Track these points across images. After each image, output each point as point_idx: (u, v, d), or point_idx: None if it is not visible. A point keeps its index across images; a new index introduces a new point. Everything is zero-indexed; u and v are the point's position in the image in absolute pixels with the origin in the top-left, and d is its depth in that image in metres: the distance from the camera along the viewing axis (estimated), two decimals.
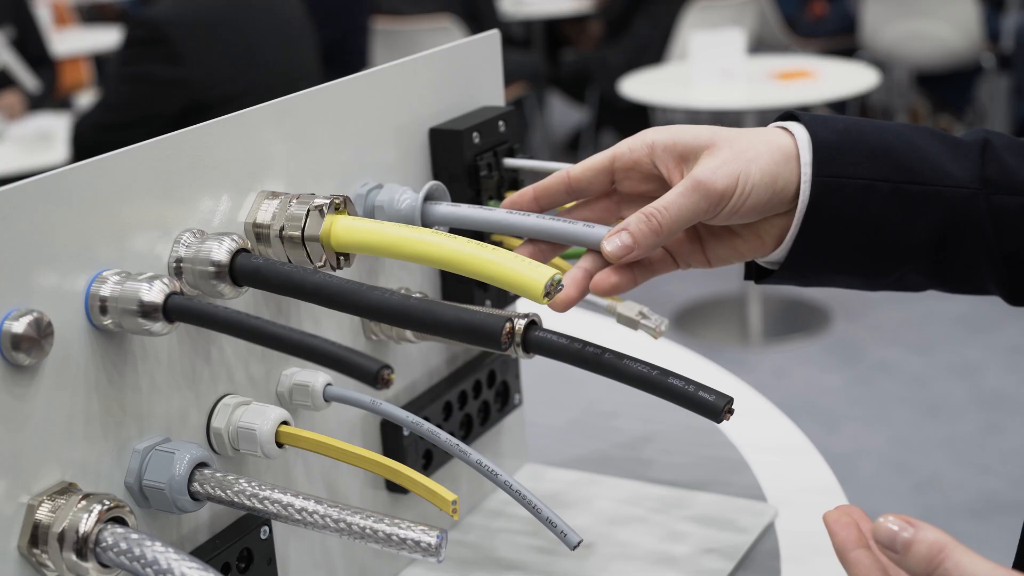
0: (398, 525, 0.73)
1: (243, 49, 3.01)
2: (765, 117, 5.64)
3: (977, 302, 4.18)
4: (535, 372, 1.20)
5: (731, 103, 4.25)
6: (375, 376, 0.68)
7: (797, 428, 1.24)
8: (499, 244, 1.00)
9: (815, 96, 4.23)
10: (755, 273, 0.97)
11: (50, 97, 4.36)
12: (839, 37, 6.01)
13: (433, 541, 0.72)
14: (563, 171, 0.93)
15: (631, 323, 1.00)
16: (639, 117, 5.52)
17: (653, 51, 5.41)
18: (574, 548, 0.84)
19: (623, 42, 5.63)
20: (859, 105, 5.79)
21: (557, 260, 0.98)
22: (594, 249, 0.90)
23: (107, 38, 5.58)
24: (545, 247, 0.92)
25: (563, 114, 6.70)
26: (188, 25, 2.91)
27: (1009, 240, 0.92)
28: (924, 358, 3.83)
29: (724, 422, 0.88)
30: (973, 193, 0.92)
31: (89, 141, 3.04)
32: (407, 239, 0.79)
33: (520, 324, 0.91)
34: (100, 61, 5.89)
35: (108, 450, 0.76)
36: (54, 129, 3.75)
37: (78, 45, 5.67)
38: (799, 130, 0.91)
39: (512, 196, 0.93)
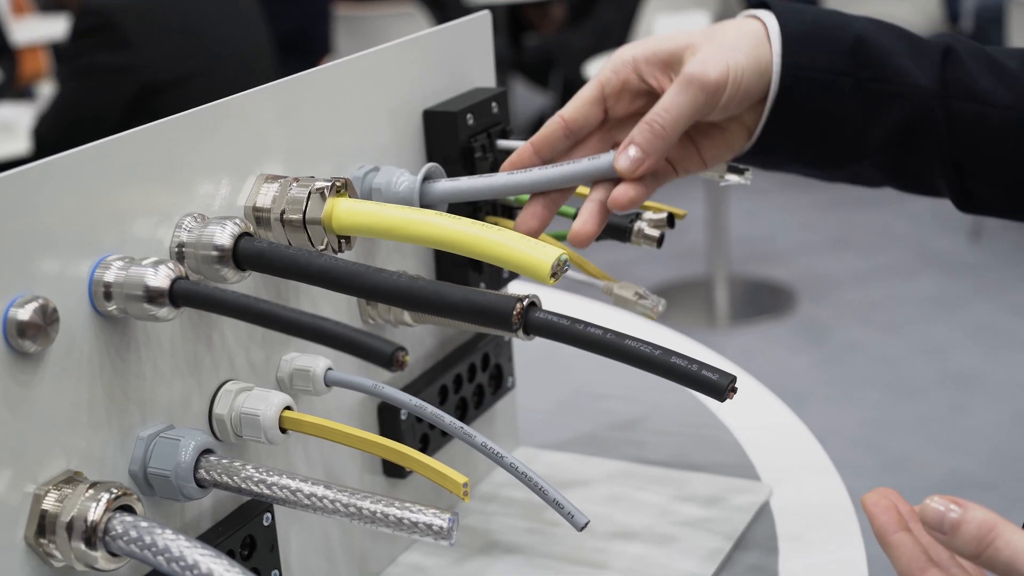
0: (409, 509, 0.73)
1: (191, 30, 3.00)
2: None
3: (942, 283, 4.21)
4: (524, 355, 1.19)
5: None
6: (390, 358, 0.68)
7: (787, 408, 1.24)
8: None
9: None
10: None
11: (10, 87, 4.32)
12: None
13: (445, 524, 0.72)
14: (556, 117, 0.94)
15: (628, 304, 1.00)
16: None
17: (616, 35, 5.41)
18: (582, 529, 0.84)
19: (586, 26, 5.63)
20: None
21: (547, 239, 0.98)
22: (601, 179, 0.90)
23: (65, 27, 5.52)
24: (554, 195, 0.92)
25: (527, 99, 6.69)
26: (134, 9, 2.89)
27: (960, 146, 0.95)
28: (891, 338, 3.85)
29: (727, 400, 0.88)
30: (932, 95, 0.94)
31: (50, 141, 3.01)
32: (411, 220, 0.79)
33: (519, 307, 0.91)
34: (58, 51, 5.84)
35: (112, 438, 0.75)
36: (16, 120, 3.72)
37: (36, 34, 5.62)
38: (769, 19, 0.94)
39: (511, 157, 0.93)
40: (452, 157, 0.98)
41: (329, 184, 0.81)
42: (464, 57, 1.03)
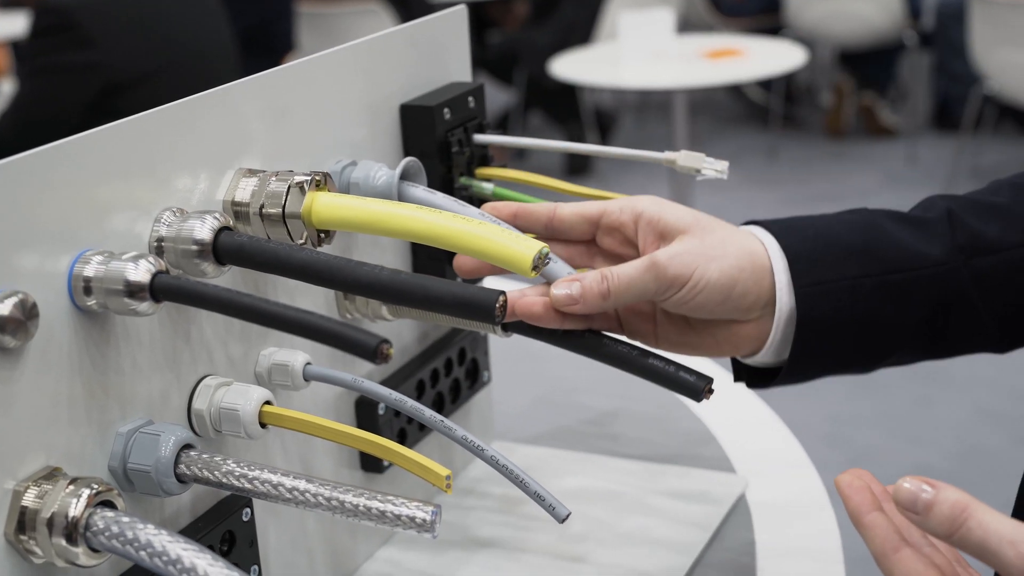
0: (391, 502, 0.72)
1: (153, 26, 2.98)
2: (693, 95, 5.66)
3: None
4: (498, 351, 1.19)
5: (662, 82, 4.26)
6: (374, 351, 0.67)
7: (761, 400, 1.24)
8: None
9: (745, 74, 4.27)
10: (746, 377, 0.98)
11: None
12: (763, 16, 6.05)
13: (428, 517, 0.72)
14: (551, 205, 0.93)
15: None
16: (567, 98, 5.53)
17: (580, 32, 5.42)
18: (563, 521, 0.84)
19: (550, 23, 5.63)
20: (784, 83, 5.83)
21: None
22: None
23: (25, 25, 5.48)
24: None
25: (491, 96, 6.69)
26: (95, 7, 2.87)
27: (996, 299, 0.94)
28: None
29: (704, 401, 0.89)
30: (953, 267, 0.93)
31: (8, 140, 2.98)
32: (392, 214, 0.78)
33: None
34: (17, 49, 5.79)
35: (91, 434, 0.75)
36: None
37: None
38: (768, 239, 0.92)
39: (495, 204, 0.93)
40: (429, 151, 0.98)
41: (308, 178, 0.80)
42: (441, 51, 1.03)
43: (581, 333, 0.91)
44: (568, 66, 4.36)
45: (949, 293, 0.93)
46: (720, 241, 0.90)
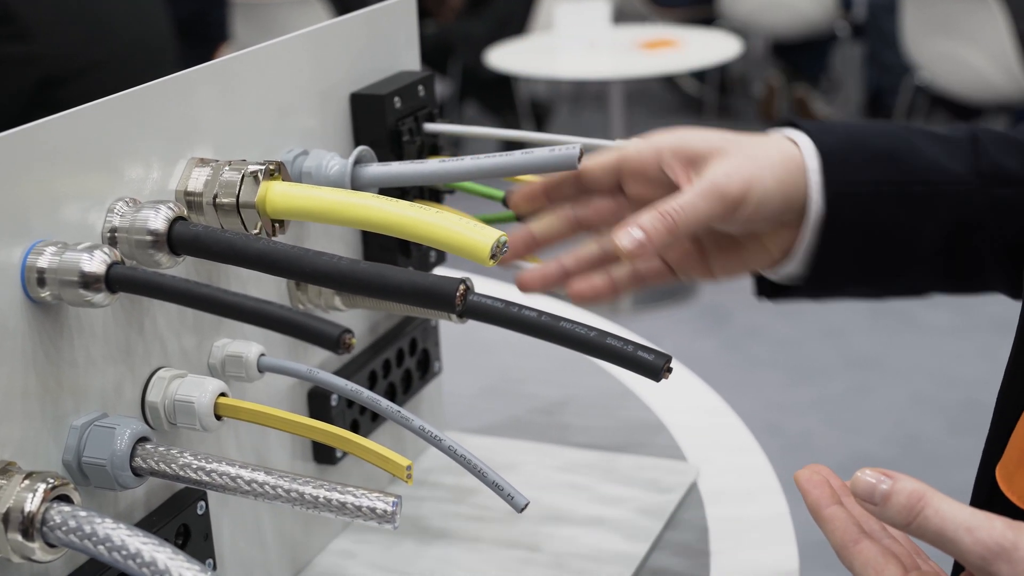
0: (352, 493, 0.72)
1: (93, 18, 2.94)
2: (631, 86, 5.67)
3: None
4: (448, 340, 1.19)
5: (597, 73, 4.27)
6: (336, 341, 0.67)
7: (710, 389, 1.25)
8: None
9: (680, 65, 4.28)
10: (769, 289, 0.97)
11: None
12: (698, 7, 6.07)
13: (389, 507, 0.71)
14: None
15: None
16: (503, 88, 5.53)
17: (516, 22, 5.42)
18: (521, 510, 0.84)
19: (485, 14, 5.62)
20: (719, 73, 5.86)
21: (467, 218, 0.97)
22: (543, 171, 0.89)
23: None
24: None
25: None
26: None
27: (1011, 230, 0.93)
28: (792, 322, 3.90)
29: (663, 380, 0.89)
30: (974, 188, 0.92)
31: None
32: (347, 203, 0.78)
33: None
34: None
35: (45, 427, 0.74)
36: None
37: None
38: (802, 138, 0.91)
39: (523, 188, 0.92)
40: (380, 140, 0.97)
41: (263, 167, 0.80)
42: (390, 40, 1.02)
43: (537, 315, 0.90)
44: (503, 57, 4.36)
45: (968, 214, 0.92)
46: (760, 148, 0.90)
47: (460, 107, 6.00)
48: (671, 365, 0.87)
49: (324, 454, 0.98)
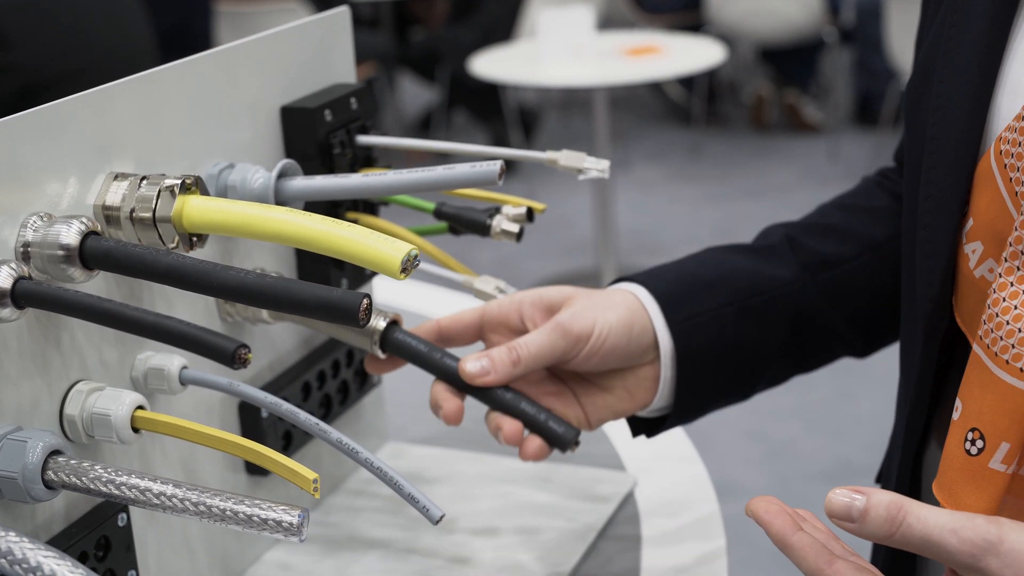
0: (259, 506, 0.72)
1: (71, 28, 2.94)
2: (616, 92, 5.67)
3: None
4: None
5: (581, 80, 4.28)
6: (232, 355, 0.67)
7: None
8: (354, 223, 1.00)
9: (665, 71, 4.29)
10: (643, 428, 1.04)
11: None
12: (685, 13, 6.07)
13: (295, 520, 0.72)
14: (434, 321, 1.00)
15: (488, 297, 1.00)
16: (490, 96, 5.53)
17: (503, 29, 5.42)
18: (436, 522, 0.84)
19: (472, 20, 5.63)
20: (707, 80, 5.86)
21: (400, 230, 0.98)
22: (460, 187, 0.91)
23: None
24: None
25: (414, 94, 6.69)
26: (12, 7, 2.83)
27: (845, 307, 1.04)
28: None
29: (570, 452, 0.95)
30: (802, 284, 1.02)
31: None
32: (259, 217, 0.78)
33: (381, 324, 0.93)
34: None
35: None
36: None
37: None
38: (637, 288, 1.00)
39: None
40: (310, 153, 0.97)
41: (179, 182, 0.80)
42: (324, 53, 1.03)
43: (456, 367, 0.94)
44: (488, 64, 4.37)
45: (804, 308, 1.02)
46: (604, 295, 0.98)
47: (449, 115, 6.01)
48: (579, 440, 0.95)
49: (256, 466, 0.99)
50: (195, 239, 0.82)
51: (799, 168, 5.50)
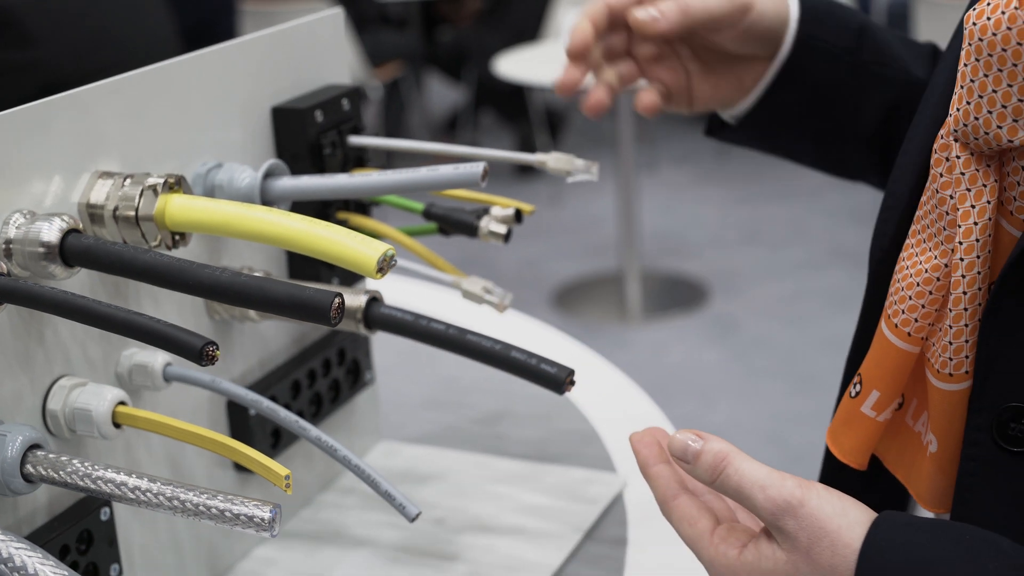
0: (232, 501, 0.73)
1: (95, 26, 2.95)
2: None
3: (851, 276, 4.26)
4: (391, 350, 1.20)
5: None
6: (199, 352, 0.68)
7: (648, 397, 1.26)
8: (343, 223, 1.01)
9: None
10: (718, 127, 1.12)
11: None
12: None
13: (266, 516, 0.73)
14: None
15: (476, 298, 1.01)
16: (517, 97, 5.54)
17: (530, 30, 5.42)
18: (412, 520, 0.85)
19: (500, 21, 5.64)
20: None
21: (389, 231, 0.99)
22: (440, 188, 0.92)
23: None
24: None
25: (441, 94, 6.70)
26: (34, 4, 2.85)
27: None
28: (799, 332, 3.90)
29: (567, 393, 0.90)
30: (919, 83, 1.04)
31: None
32: (239, 216, 0.79)
33: (361, 300, 0.92)
34: None
35: None
36: None
37: None
38: None
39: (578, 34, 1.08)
40: (300, 154, 0.98)
41: (162, 181, 0.81)
42: (317, 53, 1.04)
43: (444, 328, 0.92)
44: (513, 65, 4.37)
45: (910, 108, 1.03)
46: None
47: (476, 115, 6.01)
48: (574, 378, 0.89)
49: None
50: (178, 238, 0.83)
51: None
